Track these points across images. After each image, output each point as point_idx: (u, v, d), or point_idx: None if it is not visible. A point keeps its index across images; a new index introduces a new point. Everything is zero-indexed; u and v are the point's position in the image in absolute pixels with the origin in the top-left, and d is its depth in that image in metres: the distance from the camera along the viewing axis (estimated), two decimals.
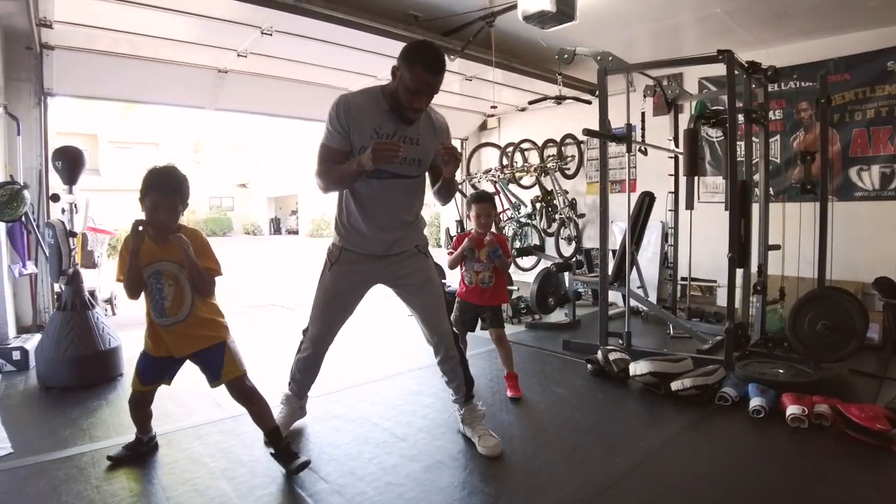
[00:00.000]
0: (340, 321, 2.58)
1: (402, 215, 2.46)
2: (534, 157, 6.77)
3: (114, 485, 2.16)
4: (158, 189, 2.14)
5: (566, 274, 5.21)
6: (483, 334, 3.48)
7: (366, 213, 2.40)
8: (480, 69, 5.03)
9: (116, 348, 3.50)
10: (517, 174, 6.61)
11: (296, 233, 29.59)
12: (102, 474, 2.24)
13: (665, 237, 5.50)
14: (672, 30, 4.72)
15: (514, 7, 3.79)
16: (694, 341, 4.14)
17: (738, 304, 3.88)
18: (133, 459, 2.35)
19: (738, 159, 4.00)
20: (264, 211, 32.09)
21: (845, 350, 3.48)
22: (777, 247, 4.14)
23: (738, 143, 4.05)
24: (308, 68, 4.96)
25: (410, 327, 3.93)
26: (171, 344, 2.21)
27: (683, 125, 4.59)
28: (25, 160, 4.25)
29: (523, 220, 6.55)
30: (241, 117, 8.81)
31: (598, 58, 3.91)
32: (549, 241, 6.35)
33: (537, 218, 6.47)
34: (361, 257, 2.47)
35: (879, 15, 4.22)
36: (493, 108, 6.57)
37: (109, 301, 5.81)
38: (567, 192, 6.35)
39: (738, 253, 3.65)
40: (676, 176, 4.81)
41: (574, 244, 6.21)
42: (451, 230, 7.04)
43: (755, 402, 2.87)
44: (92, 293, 4.15)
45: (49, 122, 4.55)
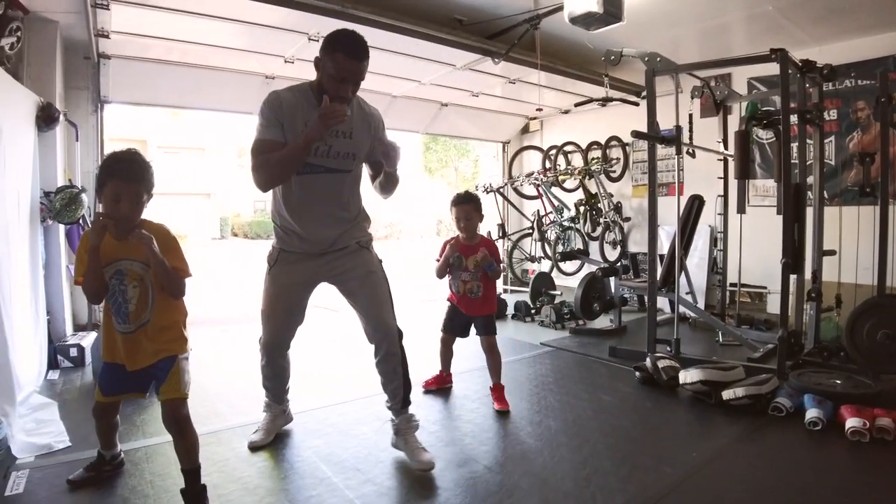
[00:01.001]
0: (288, 325, 2.51)
1: (340, 212, 2.39)
2: (577, 160, 6.71)
3: (166, 480, 2.21)
4: (120, 176, 1.87)
5: (612, 279, 5.13)
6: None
7: (300, 211, 2.32)
8: (524, 72, 5.01)
9: None
10: (560, 177, 6.56)
11: None
12: (156, 469, 2.31)
13: (714, 242, 5.37)
14: (721, 29, 4.61)
15: (559, 9, 3.77)
16: (744, 349, 4.01)
17: (791, 311, 3.76)
18: (95, 481, 2.18)
19: (791, 161, 3.89)
20: None
21: None
22: (832, 252, 4.00)
23: (791, 144, 3.94)
24: None
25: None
26: (127, 354, 1.96)
27: (732, 127, 4.50)
28: (83, 165, 4.42)
29: (566, 223, 6.49)
30: None
31: (646, 59, 3.85)
32: (594, 246, 6.29)
33: (581, 222, 6.41)
34: (300, 257, 2.40)
35: None
36: (539, 110, 6.53)
37: None
38: (612, 196, 6.28)
39: (792, 258, 3.53)
40: (726, 179, 4.70)
41: (619, 248, 6.12)
42: (493, 234, 7.01)
43: (812, 413, 2.76)
44: None
45: (104, 128, 4.75)
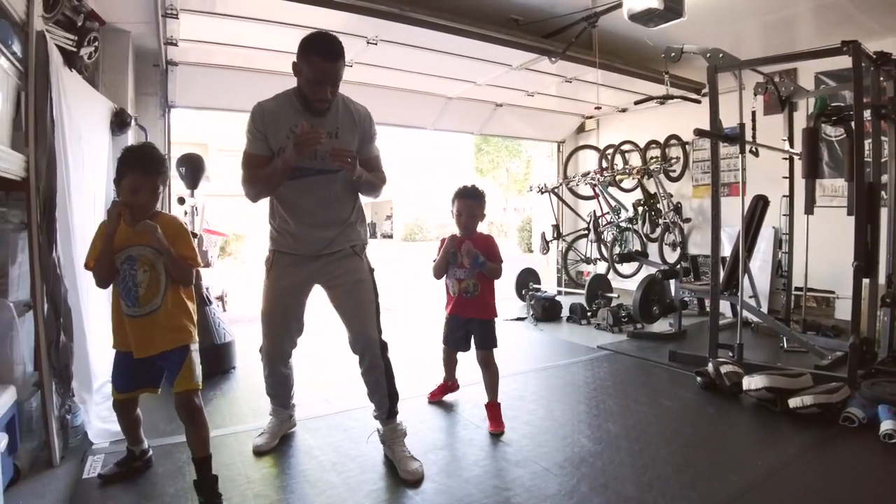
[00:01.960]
0: (287, 331, 2.50)
1: (335, 212, 2.37)
2: (635, 160, 6.57)
3: (232, 470, 2.30)
4: (139, 169, 1.98)
5: (671, 281, 5.00)
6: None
7: (295, 212, 2.33)
8: (581, 70, 4.94)
9: (231, 342, 3.76)
10: (618, 177, 6.40)
11: (390, 237, 30.34)
12: (223, 460, 2.38)
13: (778, 244, 5.16)
14: (786, 22, 4.43)
15: (618, 6, 3.71)
16: (810, 356, 3.84)
17: (863, 317, 3.58)
18: (125, 477, 2.23)
19: (864, 160, 3.71)
20: None
21: None
22: None
23: (864, 141, 3.76)
24: (410, 76, 5.10)
25: (521, 333, 3.93)
26: (136, 340, 2.01)
27: (798, 124, 4.31)
28: None
29: (624, 224, 6.34)
30: None
31: (708, 55, 3.74)
32: (652, 247, 6.12)
33: (639, 222, 6.26)
34: (296, 259, 2.39)
35: None
36: (598, 109, 6.42)
37: (221, 298, 6.18)
38: (671, 196, 6.11)
39: (865, 261, 3.36)
40: (791, 178, 4.52)
41: (679, 250, 5.95)
42: (547, 235, 6.95)
43: (887, 425, 2.61)
44: (207, 290, 4.44)
45: (171, 131, 4.94)
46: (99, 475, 2.22)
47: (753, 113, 4.52)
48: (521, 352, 3.49)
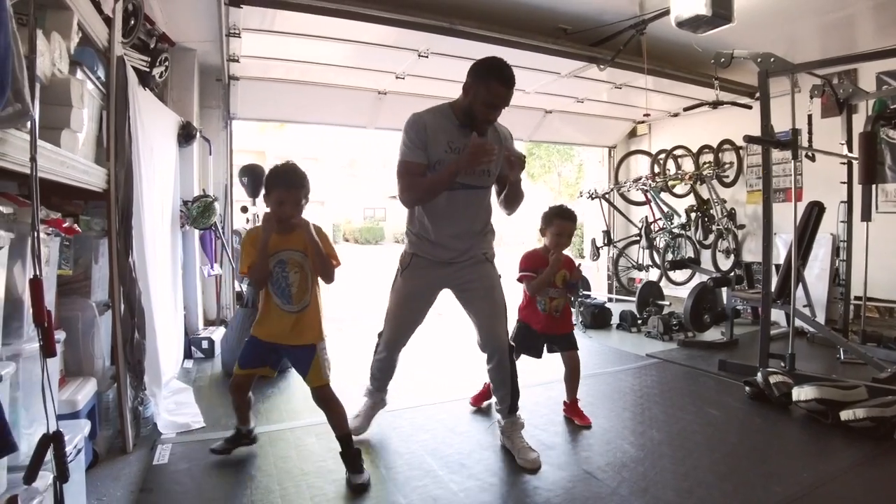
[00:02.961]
0: (412, 325, 2.69)
1: (472, 225, 2.54)
2: (688, 165, 6.47)
3: (288, 463, 2.46)
4: (283, 184, 2.27)
5: (724, 289, 4.92)
6: None
7: (437, 223, 2.48)
8: (630, 77, 4.95)
9: None
10: (670, 182, 6.32)
11: None
12: (279, 453, 2.56)
13: (836, 251, 5.00)
14: (843, 22, 4.31)
15: (666, 13, 3.70)
16: (869, 369, 3.71)
17: None
18: (231, 452, 2.52)
19: None
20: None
21: None
22: None
23: None
24: (457, 86, 5.15)
25: None
26: (284, 331, 2.31)
27: (857, 127, 4.19)
28: (215, 176, 4.91)
29: (676, 230, 6.25)
30: (390, 135, 9.41)
31: (759, 59, 3.69)
32: (706, 254, 6.02)
33: (692, 229, 6.13)
34: (431, 263, 2.56)
35: None
36: (647, 115, 6.38)
37: None
38: (725, 202, 6.00)
39: None
40: (850, 184, 4.38)
41: (732, 257, 5.83)
42: (598, 241, 6.92)
43: None
44: None
45: (233, 142, 5.23)
46: (210, 449, 2.52)
47: (810, 116, 4.42)
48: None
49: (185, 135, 3.99)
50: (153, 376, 2.80)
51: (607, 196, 6.94)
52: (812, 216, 4.14)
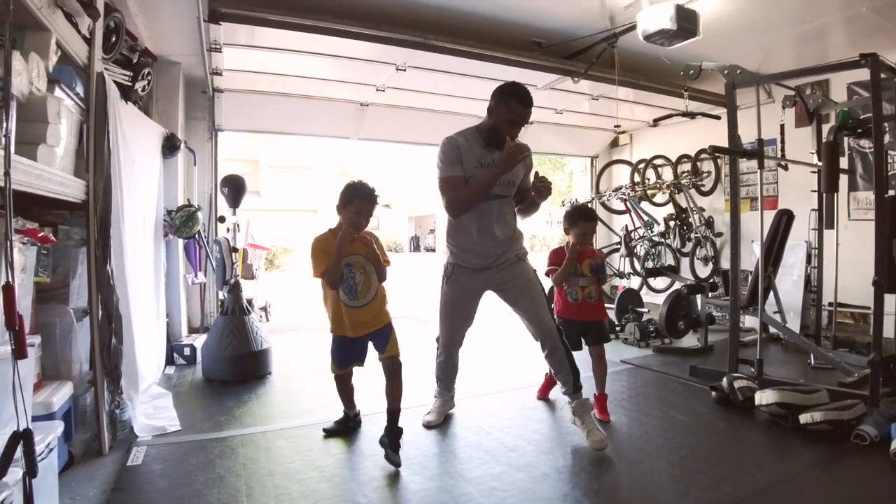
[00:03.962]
0: (463, 326, 3.02)
1: (504, 230, 2.83)
2: (668, 174, 6.57)
3: (257, 464, 2.56)
4: (364, 197, 2.60)
5: (699, 296, 5.01)
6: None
7: (474, 233, 2.79)
8: (607, 88, 5.06)
9: (267, 350, 4.02)
10: (649, 191, 6.43)
11: (433, 250, 30.67)
12: (249, 454, 2.67)
13: (808, 258, 5.09)
14: (815, 33, 4.43)
15: (634, 28, 3.82)
16: (838, 373, 3.80)
17: (889, 334, 3.53)
18: (342, 433, 2.91)
19: (887, 172, 3.68)
20: (405, 230, 33.81)
21: None
22: None
23: (891, 153, 3.72)
24: (439, 98, 5.34)
25: (531, 345, 4.05)
26: (352, 325, 2.66)
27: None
28: (199, 186, 5.03)
29: (656, 238, 6.35)
30: (383, 144, 9.60)
31: (726, 71, 3.78)
32: (685, 262, 6.12)
33: (671, 237, 6.25)
34: (471, 271, 2.88)
35: None
36: (617, 126, 6.51)
37: (264, 309, 6.53)
38: (703, 210, 6.11)
39: (888, 277, 3.34)
40: (820, 192, 4.47)
41: (711, 265, 5.93)
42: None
43: None
44: (250, 301, 4.75)
45: (218, 153, 5.34)
46: (324, 430, 2.92)
47: (782, 126, 4.53)
48: (543, 364, 3.59)
49: (170, 146, 4.08)
50: (131, 381, 2.89)
51: (588, 205, 7.01)
52: (781, 224, 4.22)
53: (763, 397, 3.10)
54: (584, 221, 3.22)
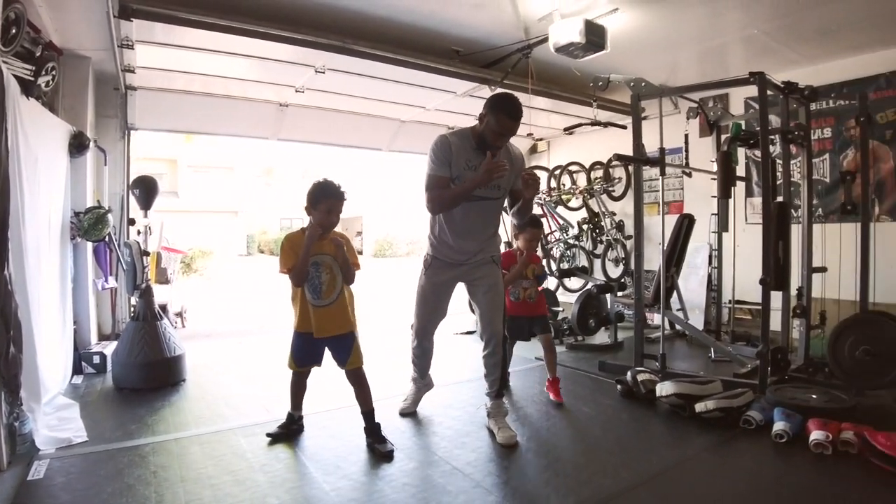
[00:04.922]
0: (436, 316, 3.19)
1: (483, 231, 3.04)
2: (582, 180, 6.86)
3: (168, 472, 2.50)
4: (334, 196, 2.67)
5: (608, 295, 5.27)
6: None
7: (456, 229, 2.96)
8: (524, 97, 5.18)
9: (181, 356, 3.92)
10: (564, 196, 6.72)
11: (361, 253, 30.43)
12: (160, 462, 2.60)
13: (710, 259, 5.46)
14: (716, 51, 4.78)
15: (547, 39, 3.98)
16: (735, 365, 4.11)
17: (777, 328, 3.85)
18: (285, 437, 2.88)
19: (777, 181, 4.00)
20: None
21: (887, 377, 3.41)
22: (823, 269, 4.07)
23: (779, 163, 4.05)
24: (360, 101, 5.37)
25: (449, 344, 4.17)
26: (317, 324, 2.71)
27: None
28: (110, 187, 4.81)
29: (571, 241, 6.64)
30: (308, 145, 9.53)
31: (631, 83, 4.02)
32: (597, 263, 6.42)
33: (584, 240, 6.56)
34: (448, 264, 3.05)
35: None
36: (530, 135, 6.77)
37: (180, 314, 6.34)
38: (615, 214, 6.42)
39: (775, 276, 3.64)
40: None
41: (622, 265, 6.24)
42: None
43: (778, 426, 2.85)
44: (163, 307, 4.61)
45: (131, 153, 5.13)
46: (267, 434, 2.88)
47: (686, 136, 4.85)
48: (460, 363, 3.74)
49: (77, 145, 3.91)
50: (32, 391, 2.76)
51: (506, 209, 7.20)
52: (683, 227, 4.52)
53: (663, 389, 3.32)
54: (532, 228, 3.59)
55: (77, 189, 4.08)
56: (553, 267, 6.64)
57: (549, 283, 6.78)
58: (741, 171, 4.78)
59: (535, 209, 7.01)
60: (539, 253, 6.72)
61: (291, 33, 3.75)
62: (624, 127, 5.42)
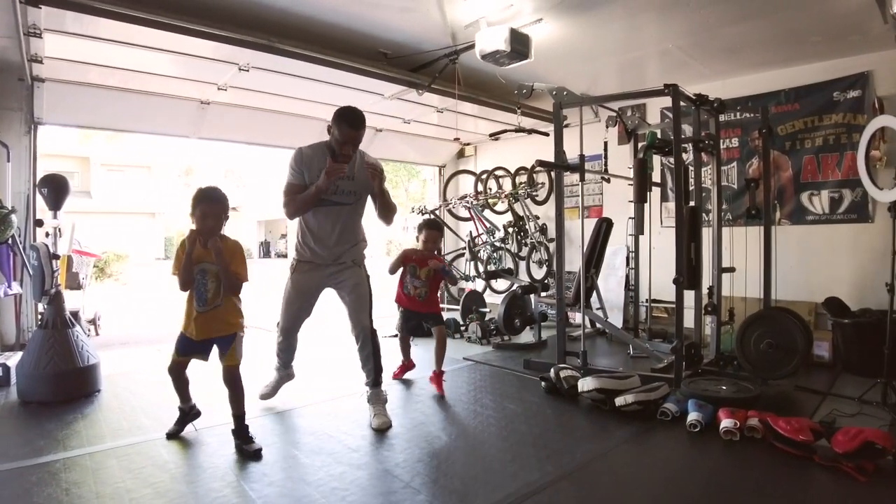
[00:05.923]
0: (300, 316, 3.37)
1: (344, 236, 3.22)
2: (507, 185, 7.01)
3: (82, 488, 2.33)
4: (207, 201, 2.69)
5: (532, 296, 5.41)
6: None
7: (316, 233, 3.20)
8: (451, 102, 5.29)
9: (95, 366, 3.68)
10: (490, 200, 6.85)
11: (284, 256, 29.73)
12: (72, 479, 2.42)
13: (627, 261, 5.71)
14: (635, 63, 4.99)
15: (474, 46, 4.06)
16: (652, 361, 4.31)
17: (690, 324, 4.08)
18: (180, 432, 2.92)
19: (690, 186, 4.24)
20: (254, 234, 32.28)
21: (788, 367, 3.69)
22: (732, 269, 4.34)
23: (691, 169, 4.29)
24: (286, 100, 5.26)
25: (395, 347, 4.16)
26: (198, 328, 2.73)
27: None
28: (14, 185, 4.45)
29: (497, 244, 6.76)
30: (231, 144, 9.29)
31: (554, 92, 4.16)
32: (522, 265, 6.58)
33: (510, 242, 6.71)
34: (312, 266, 3.25)
35: (822, 49, 4.48)
36: (457, 139, 6.89)
37: (93, 321, 5.99)
38: (538, 218, 6.58)
39: (688, 276, 3.85)
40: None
41: (545, 267, 6.41)
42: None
43: (692, 416, 3.03)
44: (75, 314, 4.34)
45: (38, 149, 4.78)
46: (167, 434, 2.90)
47: (605, 143, 5.05)
48: (386, 365, 3.71)
49: None
50: None
51: (436, 213, 7.31)
52: (602, 230, 4.71)
53: (584, 384, 3.44)
54: (428, 229, 3.87)
55: None
56: (480, 269, 6.75)
57: (477, 284, 6.91)
58: (657, 177, 5.00)
59: (463, 213, 7.15)
60: (468, 255, 6.89)
61: (214, 29, 3.61)
62: (546, 134, 5.57)
